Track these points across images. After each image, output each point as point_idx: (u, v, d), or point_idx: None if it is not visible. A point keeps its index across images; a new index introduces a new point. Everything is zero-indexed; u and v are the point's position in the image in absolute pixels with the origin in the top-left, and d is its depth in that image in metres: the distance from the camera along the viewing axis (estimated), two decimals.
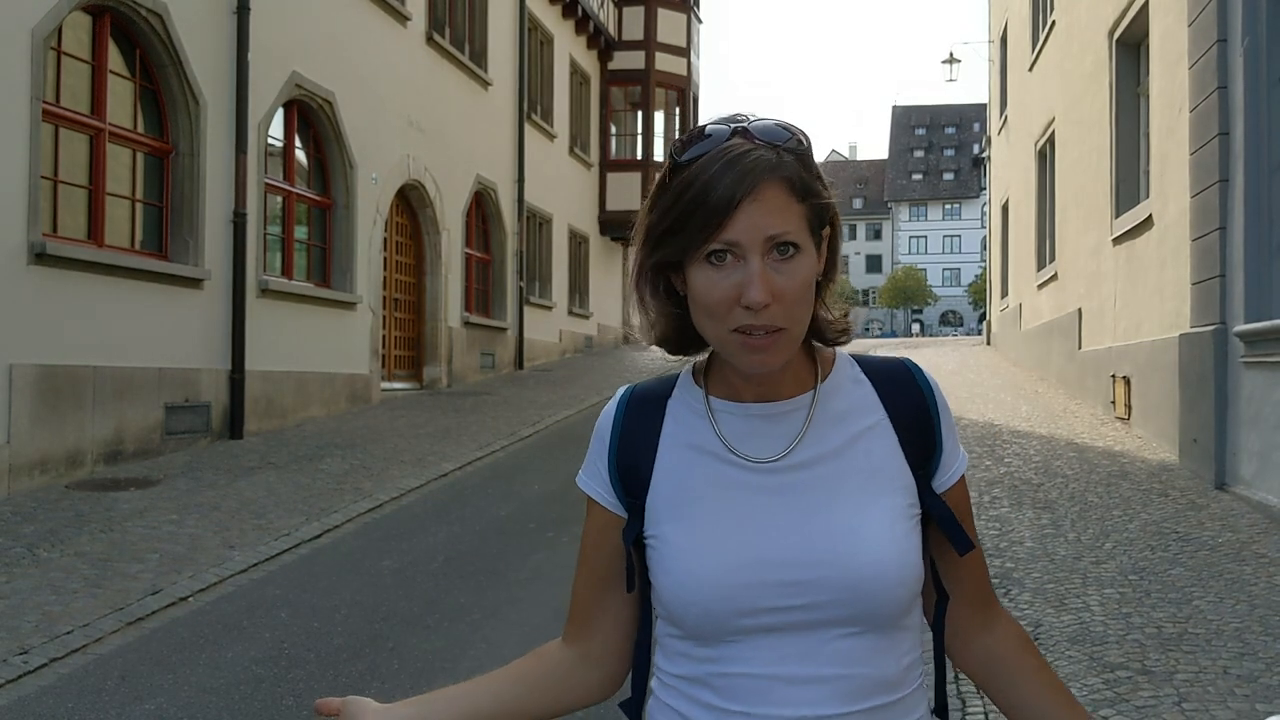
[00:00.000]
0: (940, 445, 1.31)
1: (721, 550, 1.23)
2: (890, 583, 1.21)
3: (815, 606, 1.21)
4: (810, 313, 1.22)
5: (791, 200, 1.17)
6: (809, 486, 1.25)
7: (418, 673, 4.88)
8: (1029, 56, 16.90)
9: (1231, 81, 7.43)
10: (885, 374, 1.33)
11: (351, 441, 10.74)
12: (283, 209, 12.20)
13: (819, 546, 1.21)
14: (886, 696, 1.24)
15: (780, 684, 1.22)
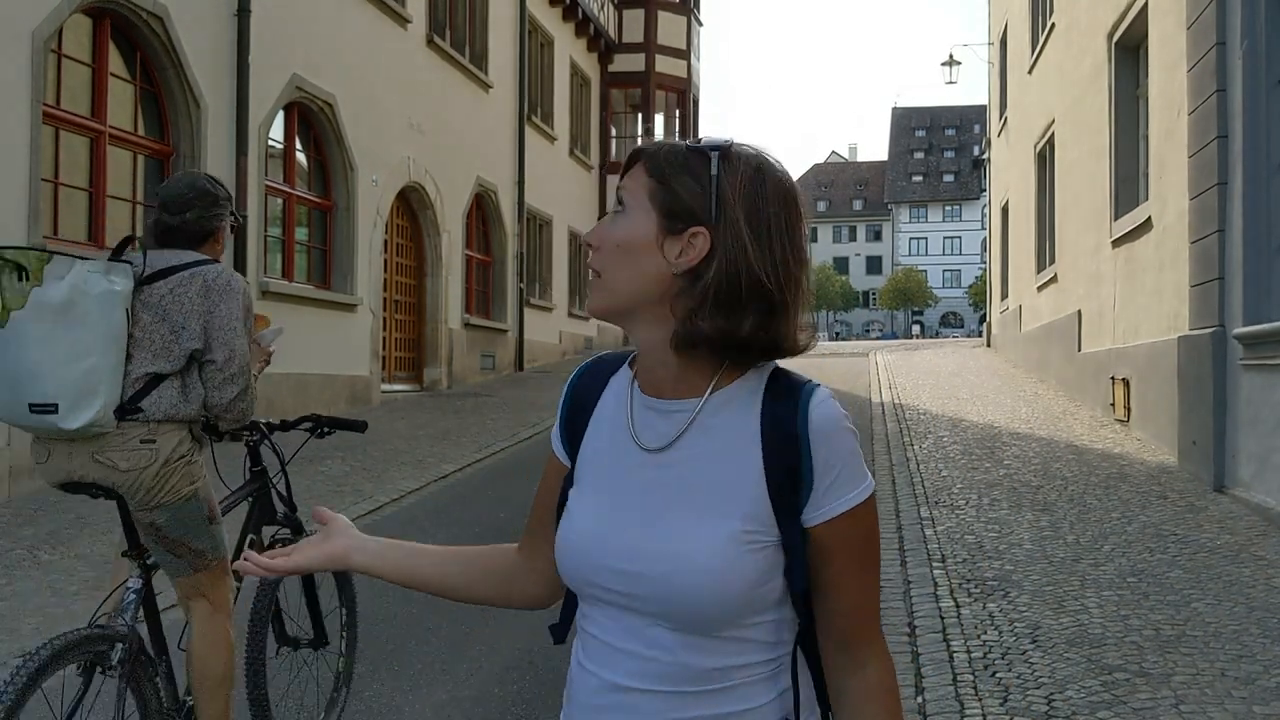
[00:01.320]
0: (808, 481, 1.31)
1: (589, 523, 1.37)
2: (702, 601, 1.28)
3: (635, 597, 1.32)
4: (636, 278, 1.32)
5: (643, 174, 1.34)
6: (667, 486, 1.34)
7: (416, 675, 4.89)
8: (1028, 58, 16.92)
9: (1230, 84, 7.45)
10: (779, 399, 1.34)
11: (351, 443, 10.75)
12: (283, 211, 12.22)
13: (648, 550, 1.31)
14: (698, 686, 1.32)
15: (615, 652, 1.35)
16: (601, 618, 1.38)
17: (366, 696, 4.63)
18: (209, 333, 3.33)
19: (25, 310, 3.05)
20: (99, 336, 3.11)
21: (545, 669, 4.93)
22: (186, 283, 3.33)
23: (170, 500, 3.27)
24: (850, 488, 1.32)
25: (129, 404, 3.19)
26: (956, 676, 4.49)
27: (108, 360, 3.13)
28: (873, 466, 9.35)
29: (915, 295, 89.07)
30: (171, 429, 3.27)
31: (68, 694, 3.02)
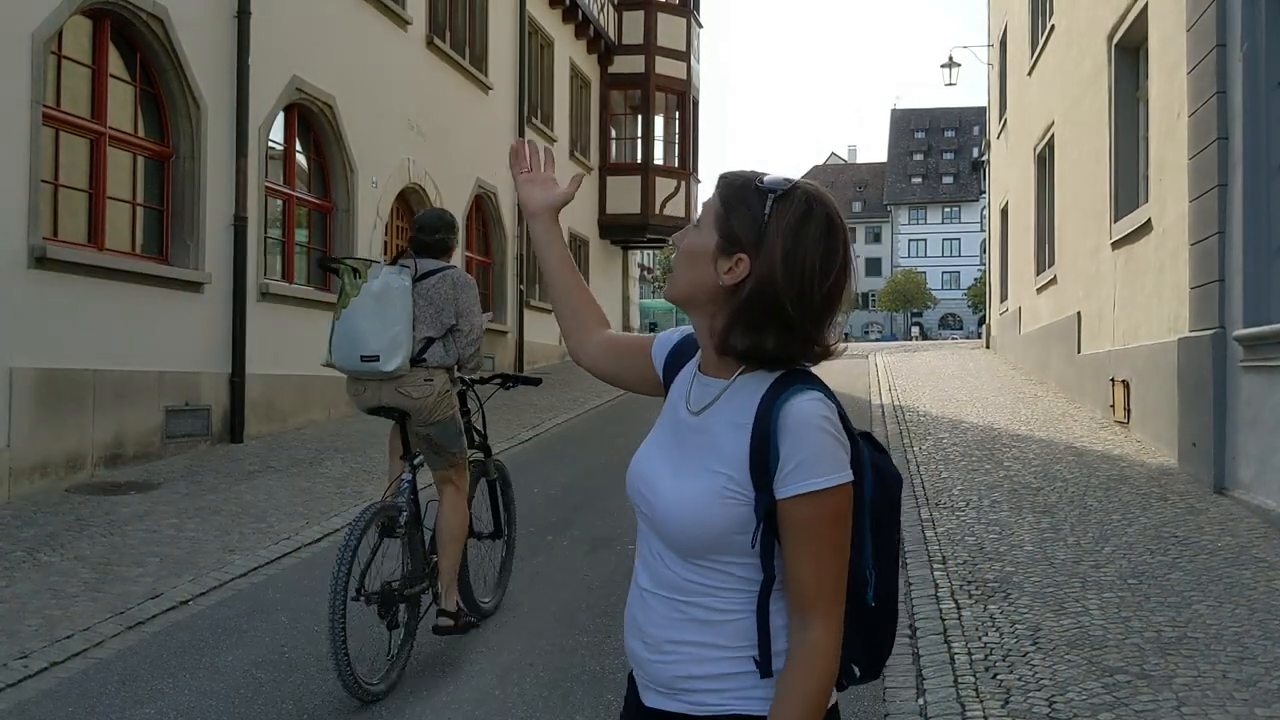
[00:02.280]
0: (775, 462, 1.58)
1: (642, 459, 1.78)
2: (675, 530, 1.65)
3: (651, 520, 1.71)
4: (693, 280, 1.67)
5: (717, 199, 1.67)
6: (691, 441, 1.70)
7: (417, 676, 4.88)
8: (1028, 60, 16.92)
9: (1230, 86, 7.44)
10: (775, 392, 1.62)
11: (352, 445, 10.75)
12: (283, 212, 12.21)
13: (659, 486, 1.69)
14: (688, 597, 1.66)
15: (643, 562, 1.76)
16: (642, 527, 1.77)
17: None
18: (458, 312, 5.18)
19: (359, 298, 4.95)
20: (399, 314, 4.96)
21: (546, 669, 4.92)
22: (441, 280, 5.18)
23: (439, 419, 5.17)
24: (811, 475, 1.56)
25: (416, 356, 5.04)
26: (958, 678, 4.49)
27: (404, 329, 4.97)
28: None
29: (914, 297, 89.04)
30: (441, 372, 5.16)
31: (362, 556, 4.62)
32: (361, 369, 4.98)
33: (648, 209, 24.35)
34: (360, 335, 4.92)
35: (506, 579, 5.97)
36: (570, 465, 10.15)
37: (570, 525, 7.67)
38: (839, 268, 1.62)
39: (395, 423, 5.19)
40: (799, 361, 1.65)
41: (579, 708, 4.51)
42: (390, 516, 4.81)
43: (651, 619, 1.71)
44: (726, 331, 1.63)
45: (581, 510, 8.20)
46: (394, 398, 5.05)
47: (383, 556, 4.75)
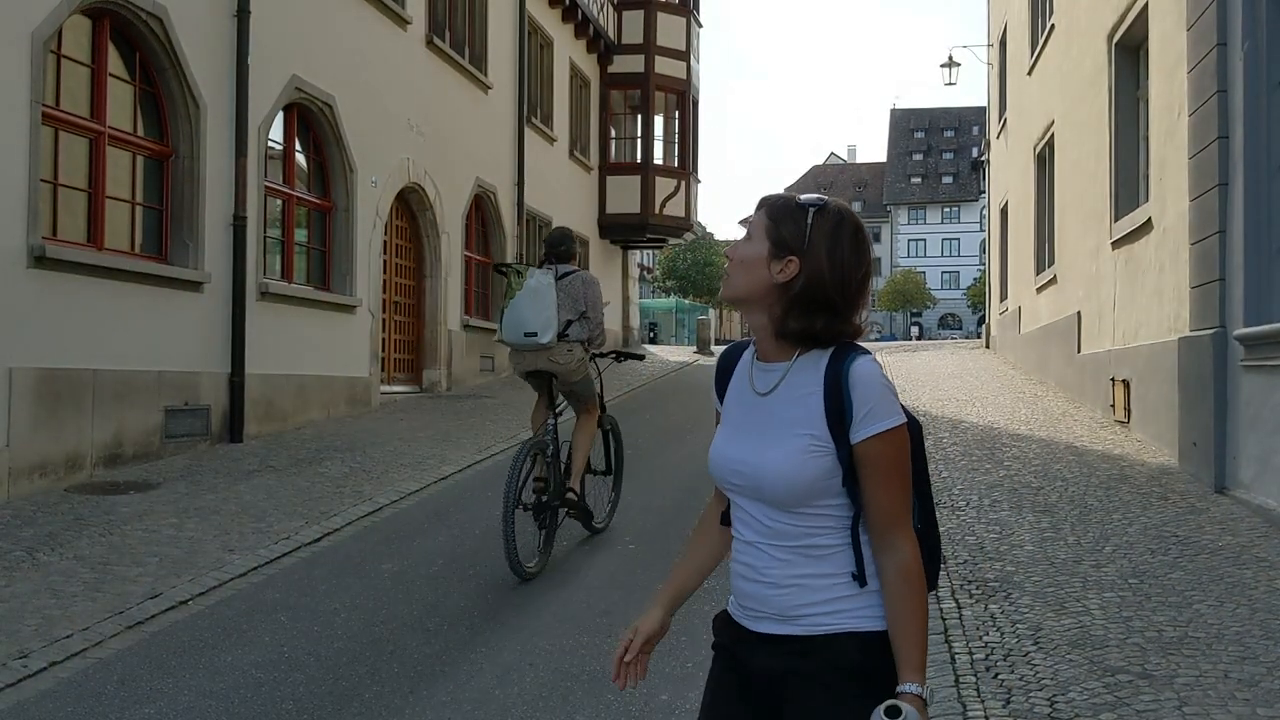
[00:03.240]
0: (849, 412, 2.00)
1: (723, 443, 2.18)
2: (779, 489, 2.04)
3: (746, 488, 2.11)
4: (751, 282, 2.08)
5: (764, 216, 2.11)
6: (767, 417, 2.10)
7: (417, 676, 4.88)
8: (1028, 60, 16.91)
9: (1231, 85, 7.44)
10: (837, 361, 2.05)
11: (351, 445, 10.74)
12: (283, 212, 12.20)
13: (750, 458, 2.09)
14: (790, 542, 2.07)
15: (744, 523, 2.15)
16: (738, 500, 2.16)
17: (366, 698, 4.62)
18: (587, 302, 7.11)
19: (521, 292, 6.78)
20: (548, 303, 6.78)
21: (546, 670, 4.92)
22: (574, 279, 7.13)
23: (579, 378, 7.09)
24: (879, 420, 2.00)
25: (560, 334, 6.91)
26: (959, 678, 4.48)
27: (552, 314, 6.79)
28: None
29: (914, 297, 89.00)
30: (579, 345, 7.06)
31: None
32: (524, 342, 6.83)
33: (648, 209, 24.34)
34: (523, 319, 6.78)
35: (614, 507, 7.74)
36: None
37: (570, 524, 7.65)
38: (867, 263, 2.09)
39: (543, 383, 7.07)
40: (841, 339, 2.06)
41: (578, 707, 4.51)
42: (540, 448, 6.70)
43: (769, 564, 2.10)
44: (784, 318, 2.05)
45: None
46: (546, 364, 6.93)
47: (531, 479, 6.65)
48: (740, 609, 2.16)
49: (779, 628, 2.08)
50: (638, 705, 4.48)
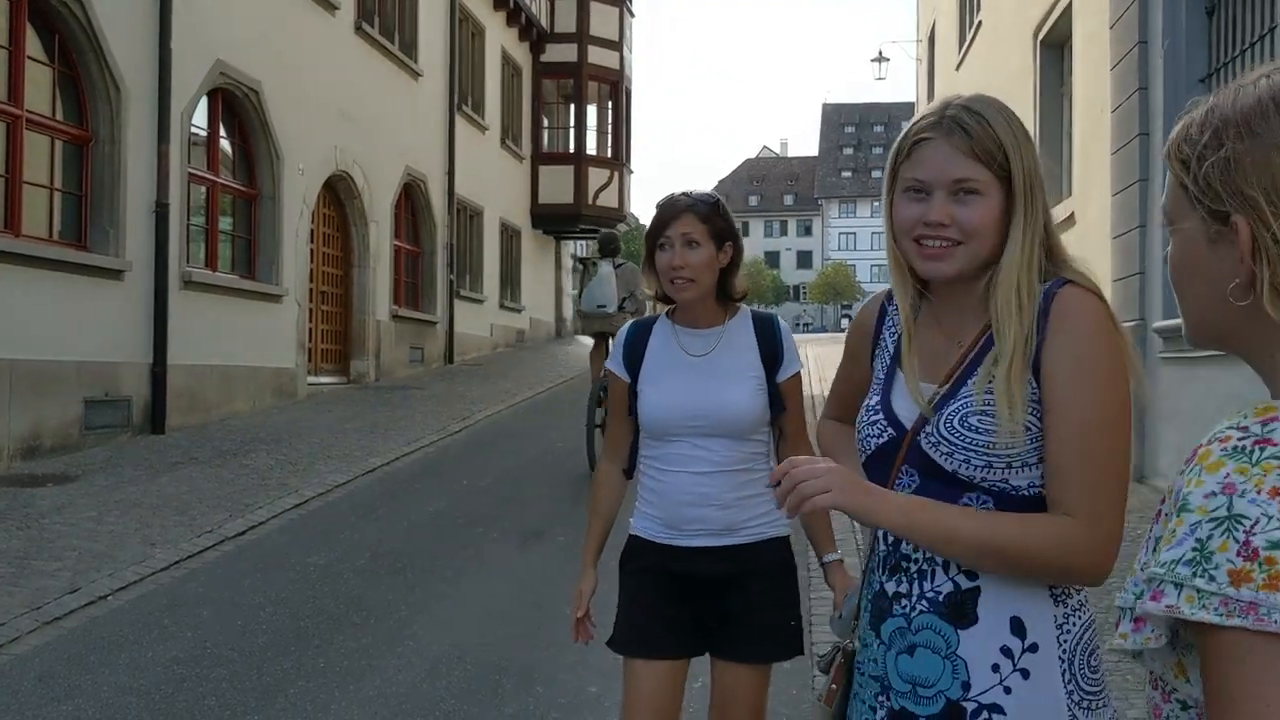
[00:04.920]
0: (780, 359, 2.71)
1: (670, 396, 2.67)
2: (740, 420, 2.64)
3: (706, 426, 2.63)
4: (709, 278, 2.66)
5: (695, 219, 2.65)
6: (710, 368, 2.68)
7: (344, 670, 4.82)
8: (956, 56, 17.13)
9: (1152, 82, 7.59)
10: (760, 321, 2.77)
11: (277, 436, 10.59)
12: (207, 199, 11.97)
13: (710, 400, 2.64)
14: (739, 466, 2.66)
15: (695, 459, 2.65)
16: (682, 444, 2.66)
17: (291, 693, 4.56)
18: (631, 286, 9.74)
19: (595, 278, 9.95)
20: (610, 285, 9.80)
21: (475, 663, 4.89)
22: (625, 269, 10.06)
23: None
24: (795, 363, 2.75)
25: (619, 306, 9.74)
26: None
27: (613, 292, 9.78)
28: None
29: (844, 289, 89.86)
30: (627, 315, 9.23)
31: None
32: (596, 312, 9.84)
33: (581, 199, 24.28)
34: (594, 295, 9.83)
35: None
36: (501, 457, 10.09)
37: (500, 518, 7.62)
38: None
39: (603, 339, 9.91)
40: (739, 298, 2.76)
41: (508, 699, 4.48)
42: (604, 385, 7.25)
43: (720, 489, 2.64)
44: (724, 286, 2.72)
45: (512, 503, 8.15)
46: (608, 326, 9.72)
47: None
48: (674, 532, 2.68)
49: (720, 540, 2.65)
50: (567, 697, 4.47)
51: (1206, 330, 1.01)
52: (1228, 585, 0.81)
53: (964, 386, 1.60)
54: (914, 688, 1.59)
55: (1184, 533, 0.85)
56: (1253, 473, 0.83)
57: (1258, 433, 0.86)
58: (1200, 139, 0.96)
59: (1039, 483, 1.55)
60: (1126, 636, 0.91)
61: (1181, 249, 0.99)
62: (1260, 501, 0.82)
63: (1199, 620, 0.83)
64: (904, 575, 1.62)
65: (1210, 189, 0.94)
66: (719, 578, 2.65)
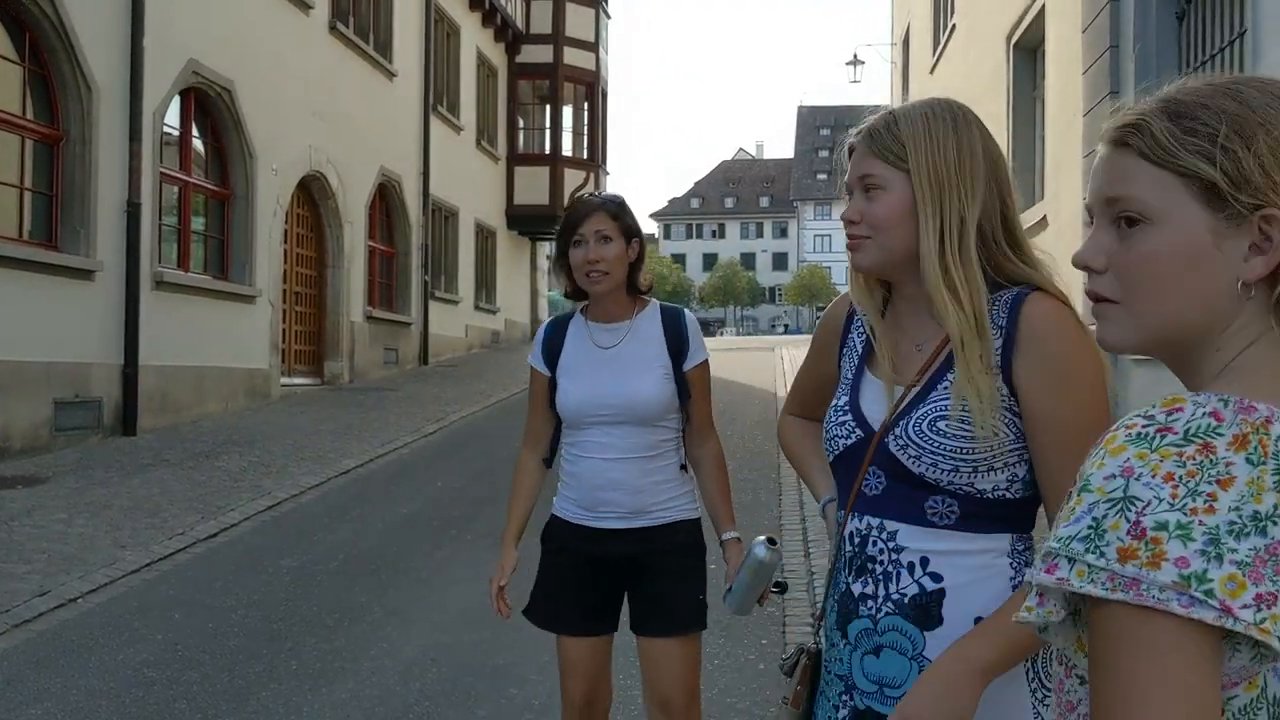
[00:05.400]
0: (687, 349, 2.90)
1: (584, 388, 2.88)
2: (650, 407, 2.84)
3: (618, 413, 2.83)
4: (621, 271, 2.87)
5: (608, 218, 2.85)
6: (620, 360, 2.88)
7: (317, 673, 4.79)
8: (930, 59, 17.22)
9: (1124, 86, 7.66)
10: (668, 314, 2.96)
11: (250, 438, 10.52)
12: (179, 199, 11.89)
13: (620, 390, 2.84)
14: (650, 451, 2.87)
15: (609, 445, 2.85)
16: (595, 431, 2.86)
17: (263, 696, 4.53)
18: None
19: None
20: None
21: (449, 665, 4.87)
22: None
23: None
24: (701, 353, 2.94)
25: None
26: None
27: None
28: (777, 459, 9.43)
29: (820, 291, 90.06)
30: None
31: None
32: None
33: (556, 200, 24.21)
34: None
35: None
36: (475, 458, 10.07)
37: (474, 519, 7.60)
38: None
39: None
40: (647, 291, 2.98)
41: (480, 702, 4.47)
42: None
43: (630, 474, 2.83)
44: (632, 281, 2.92)
45: (486, 504, 8.12)
46: None
47: None
48: (588, 514, 2.89)
49: (630, 522, 2.85)
50: (540, 699, 4.47)
51: (1175, 335, 1.01)
52: (1115, 561, 0.85)
53: (934, 390, 1.61)
54: (880, 688, 1.61)
55: (1082, 511, 0.89)
56: (1151, 458, 0.87)
57: (1161, 421, 0.90)
58: (1215, 130, 0.97)
59: (1003, 486, 1.57)
60: (1031, 610, 0.94)
61: (1174, 247, 0.98)
62: (1154, 485, 0.86)
63: (1086, 593, 0.87)
64: (870, 577, 1.64)
65: (1250, 182, 0.95)
66: (629, 557, 2.87)
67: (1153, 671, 0.84)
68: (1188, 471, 0.86)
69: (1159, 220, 0.99)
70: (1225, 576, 0.83)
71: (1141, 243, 1.00)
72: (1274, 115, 0.97)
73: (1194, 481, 0.86)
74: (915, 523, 1.60)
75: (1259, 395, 0.92)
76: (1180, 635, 0.83)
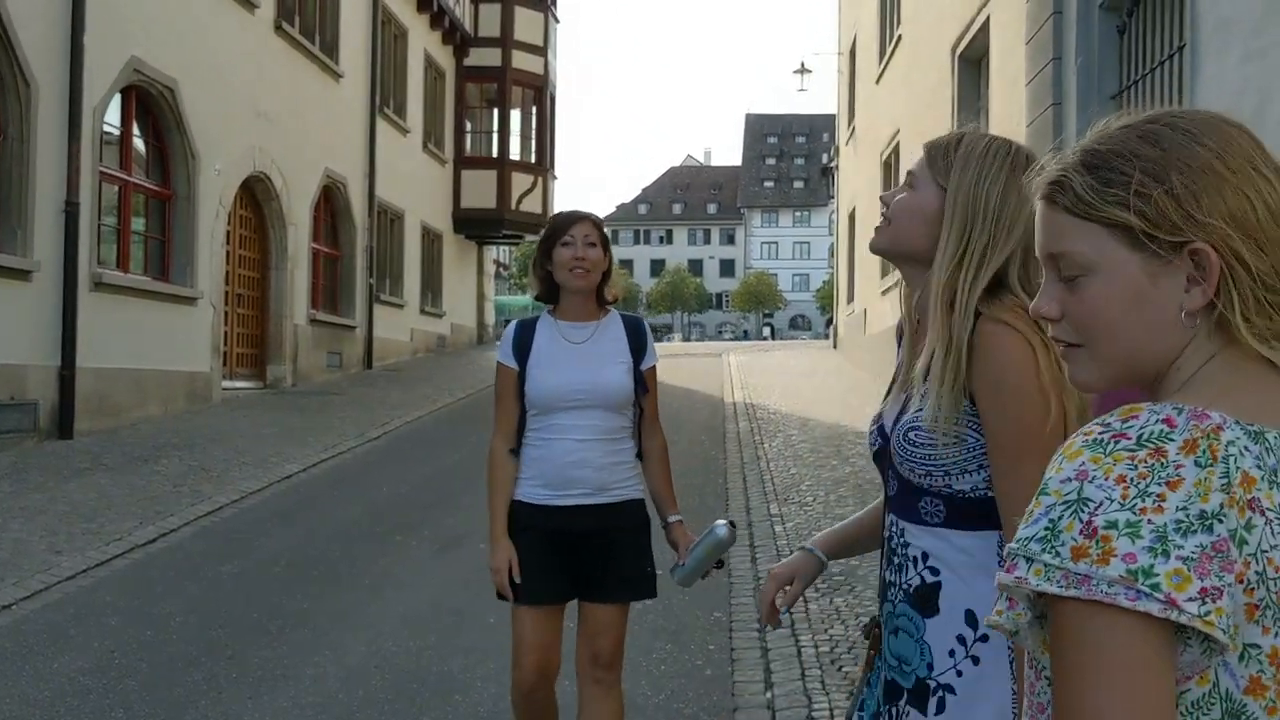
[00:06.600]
0: (645, 351, 3.31)
1: (555, 377, 3.19)
2: (616, 395, 3.21)
3: (587, 399, 3.17)
4: (598, 274, 3.24)
5: (593, 227, 3.26)
6: (588, 354, 3.23)
7: (258, 681, 4.72)
8: (876, 69, 17.38)
9: (1066, 98, 7.77)
10: (629, 321, 3.38)
11: (190, 442, 10.36)
12: (119, 199, 11.69)
13: (590, 379, 3.18)
14: (613, 436, 3.24)
15: (577, 427, 3.17)
16: (564, 415, 3.17)
17: (202, 705, 4.45)
18: None
19: None
20: None
21: (393, 672, 4.82)
22: None
23: None
24: (653, 356, 3.35)
25: None
26: (805, 671, 4.56)
27: None
28: (724, 464, 9.47)
29: (767, 298, 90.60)
30: None
31: None
32: None
33: (504, 204, 24.13)
34: None
35: None
36: (421, 464, 9.99)
37: (420, 525, 7.54)
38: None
39: None
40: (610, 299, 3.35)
41: (425, 709, 4.43)
42: None
43: (596, 454, 3.18)
44: (601, 292, 3.30)
45: (432, 509, 8.06)
46: None
47: None
48: (554, 493, 3.19)
49: (594, 499, 3.18)
50: (486, 706, 4.43)
51: (1138, 367, 1.05)
52: (1069, 560, 0.89)
53: (911, 400, 1.78)
54: (899, 663, 1.79)
55: (1040, 513, 0.93)
56: (1104, 462, 0.92)
57: (1116, 428, 0.95)
58: (1130, 177, 1.02)
59: (983, 486, 1.71)
60: (1001, 613, 0.98)
61: (1114, 292, 1.03)
62: (1106, 487, 0.91)
63: (1043, 590, 0.91)
64: (892, 567, 1.83)
65: (1168, 221, 1.00)
66: (589, 532, 3.19)
67: (1103, 663, 0.88)
68: (1139, 474, 0.91)
69: (1096, 270, 1.03)
70: (1171, 571, 0.87)
71: (1086, 292, 1.05)
72: (1188, 153, 1.01)
73: (1144, 483, 0.90)
74: (914, 521, 1.77)
75: (1213, 405, 0.96)
76: (1129, 628, 0.87)
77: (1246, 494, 0.91)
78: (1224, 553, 0.88)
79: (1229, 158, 1.00)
